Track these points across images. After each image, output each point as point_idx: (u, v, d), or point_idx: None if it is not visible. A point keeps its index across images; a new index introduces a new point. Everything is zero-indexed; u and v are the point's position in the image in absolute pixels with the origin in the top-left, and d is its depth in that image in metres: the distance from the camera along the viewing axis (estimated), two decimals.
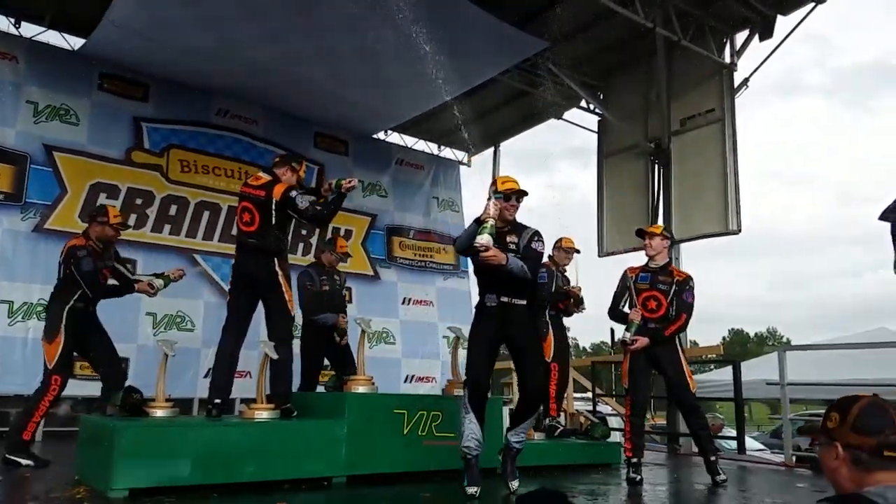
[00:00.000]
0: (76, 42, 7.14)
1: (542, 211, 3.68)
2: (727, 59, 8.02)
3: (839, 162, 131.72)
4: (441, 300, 9.41)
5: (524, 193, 3.63)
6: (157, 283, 4.56)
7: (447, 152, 10.49)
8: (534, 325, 3.90)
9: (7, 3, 6.96)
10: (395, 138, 9.86)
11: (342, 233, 8.38)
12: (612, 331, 9.09)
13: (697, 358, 10.23)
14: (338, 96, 7.94)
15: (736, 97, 7.97)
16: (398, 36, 6.39)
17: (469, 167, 10.74)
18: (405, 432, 4.00)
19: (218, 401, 3.91)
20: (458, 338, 4.71)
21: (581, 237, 5.84)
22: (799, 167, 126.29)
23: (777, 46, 7.73)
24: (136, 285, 4.57)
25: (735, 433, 6.81)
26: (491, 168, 10.76)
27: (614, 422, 8.18)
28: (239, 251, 4.23)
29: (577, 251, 5.67)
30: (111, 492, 3.10)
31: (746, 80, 8.07)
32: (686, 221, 7.91)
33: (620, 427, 6.59)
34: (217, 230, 7.67)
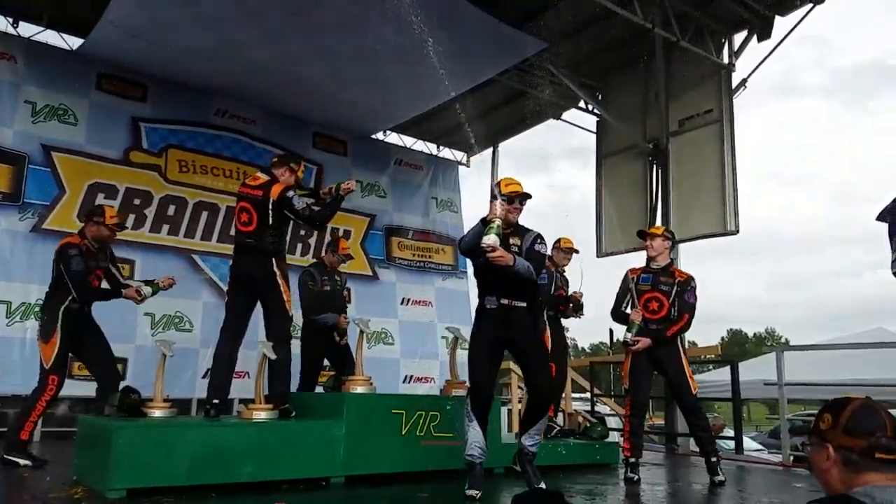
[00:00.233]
0: (74, 42, 7.13)
1: (542, 211, 3.67)
2: (725, 60, 8.04)
3: (838, 162, 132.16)
4: (440, 300, 9.42)
5: (528, 196, 3.60)
6: (146, 291, 4.43)
7: (446, 152, 10.49)
8: (535, 326, 3.86)
9: (5, 3, 6.95)
10: (394, 138, 9.86)
11: (341, 233, 8.39)
12: (611, 331, 9.13)
13: (696, 358, 10.22)
14: (336, 96, 7.94)
15: (734, 98, 8.00)
16: (397, 36, 6.40)
17: (468, 167, 10.76)
18: (403, 432, 4.00)
19: (216, 401, 3.91)
20: (457, 338, 4.71)
21: (581, 237, 5.84)
22: (797, 168, 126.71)
23: (775, 47, 7.76)
24: (124, 291, 4.42)
25: (733, 433, 6.83)
26: (490, 168, 10.78)
27: (613, 422, 8.19)
28: (237, 251, 4.22)
29: (576, 251, 5.67)
30: (109, 492, 3.10)
31: (745, 81, 8.09)
32: (684, 222, 7.91)
33: (619, 427, 6.60)
34: (215, 230, 7.67)
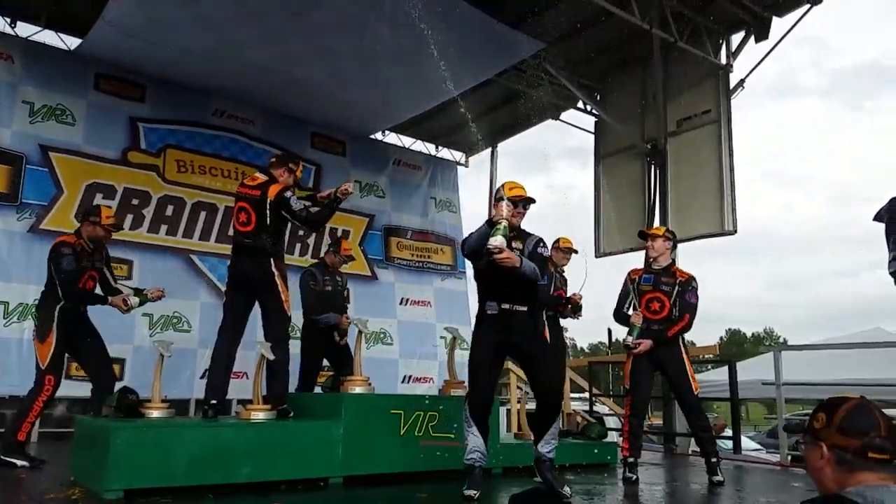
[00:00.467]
0: (72, 42, 7.12)
1: (541, 212, 3.66)
2: (723, 61, 8.05)
3: (837, 162, 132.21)
4: (438, 301, 9.42)
5: (532, 201, 3.60)
6: (132, 301, 4.36)
7: (444, 153, 10.50)
8: (537, 329, 3.81)
9: (3, 3, 6.94)
10: (393, 139, 9.86)
11: (340, 233, 8.39)
12: (610, 331, 9.15)
13: (694, 358, 10.18)
14: (335, 97, 7.93)
15: (732, 98, 8.02)
16: (396, 37, 6.42)
17: (467, 167, 10.77)
18: (402, 433, 4.00)
19: (214, 402, 3.90)
20: (455, 338, 4.71)
21: (580, 238, 5.84)
22: (795, 168, 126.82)
23: (773, 48, 7.76)
24: (111, 299, 4.34)
25: (731, 433, 6.83)
26: (489, 168, 10.78)
27: (611, 422, 8.20)
28: (235, 252, 4.21)
29: (575, 251, 5.67)
30: (106, 493, 3.10)
31: (742, 82, 8.10)
32: (682, 222, 7.92)
33: (617, 427, 6.61)
34: (214, 231, 7.66)
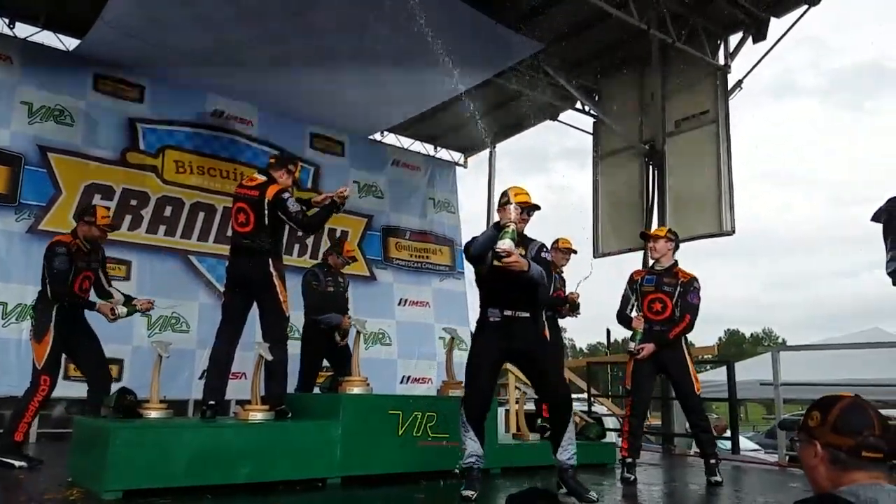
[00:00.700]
0: (71, 43, 7.11)
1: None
2: (721, 61, 8.07)
3: (835, 163, 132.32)
4: (437, 301, 9.41)
5: (536, 208, 3.60)
6: (120, 311, 4.31)
7: (443, 153, 10.50)
8: (539, 334, 3.75)
9: (2, 4, 6.93)
10: (392, 139, 9.86)
11: (338, 234, 8.39)
12: (608, 331, 9.11)
13: (694, 358, 10.24)
14: (334, 97, 7.93)
15: (730, 99, 8.03)
16: (395, 37, 6.42)
17: (465, 168, 10.77)
18: (400, 433, 4.00)
19: (212, 402, 3.90)
20: (454, 339, 4.71)
21: (579, 238, 5.86)
22: (794, 168, 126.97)
23: (770, 48, 7.78)
24: (98, 305, 4.29)
25: (729, 433, 6.84)
26: (487, 169, 10.79)
27: (610, 422, 8.20)
28: (233, 252, 4.20)
29: (574, 252, 5.70)
30: (105, 493, 3.09)
31: (740, 82, 8.13)
32: (680, 222, 7.91)
33: (616, 427, 6.62)
34: (212, 231, 7.66)
